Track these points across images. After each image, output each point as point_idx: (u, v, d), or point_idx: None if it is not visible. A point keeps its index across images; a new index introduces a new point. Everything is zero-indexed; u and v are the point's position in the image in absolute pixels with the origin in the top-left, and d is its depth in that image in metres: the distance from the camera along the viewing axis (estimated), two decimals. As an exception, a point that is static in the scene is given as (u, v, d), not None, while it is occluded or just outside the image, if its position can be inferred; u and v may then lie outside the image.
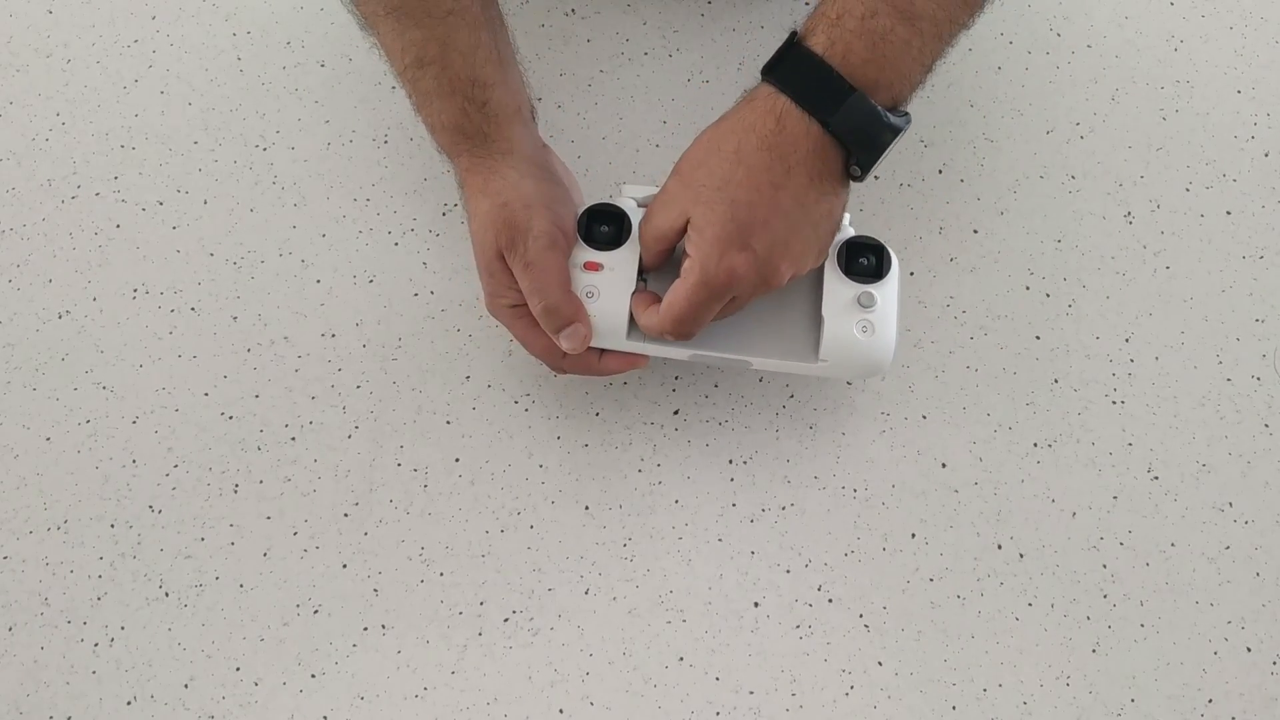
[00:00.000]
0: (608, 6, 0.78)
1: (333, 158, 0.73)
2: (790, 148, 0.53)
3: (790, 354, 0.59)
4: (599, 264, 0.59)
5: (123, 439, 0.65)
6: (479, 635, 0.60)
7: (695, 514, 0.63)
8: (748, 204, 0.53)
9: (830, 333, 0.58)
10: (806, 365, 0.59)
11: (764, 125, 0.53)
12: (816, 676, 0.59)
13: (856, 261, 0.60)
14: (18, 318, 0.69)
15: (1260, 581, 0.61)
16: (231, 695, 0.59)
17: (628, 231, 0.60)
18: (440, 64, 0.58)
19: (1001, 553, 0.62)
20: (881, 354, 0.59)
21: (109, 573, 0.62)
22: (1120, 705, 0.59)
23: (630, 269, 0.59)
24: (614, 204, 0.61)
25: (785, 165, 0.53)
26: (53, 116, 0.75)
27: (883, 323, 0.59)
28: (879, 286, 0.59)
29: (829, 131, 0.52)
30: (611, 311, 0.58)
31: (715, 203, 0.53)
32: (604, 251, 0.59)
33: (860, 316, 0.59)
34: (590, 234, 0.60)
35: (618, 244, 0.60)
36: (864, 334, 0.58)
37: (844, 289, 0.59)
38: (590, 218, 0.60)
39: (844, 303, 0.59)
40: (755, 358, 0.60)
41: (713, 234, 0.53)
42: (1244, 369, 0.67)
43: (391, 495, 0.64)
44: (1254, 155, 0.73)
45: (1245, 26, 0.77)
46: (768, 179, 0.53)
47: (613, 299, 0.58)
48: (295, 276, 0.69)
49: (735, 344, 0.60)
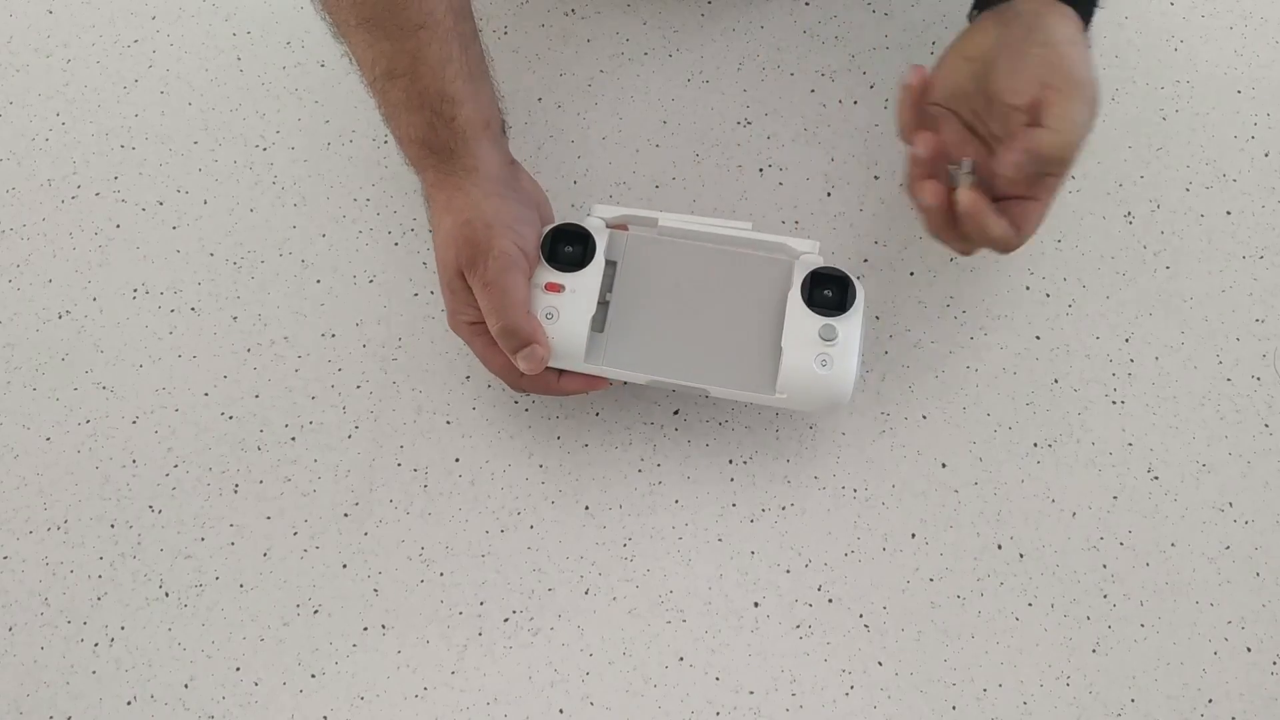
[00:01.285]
0: (608, 6, 0.78)
1: (333, 158, 0.73)
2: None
3: (748, 385, 0.59)
4: (560, 285, 0.59)
5: (123, 439, 0.65)
6: (479, 635, 0.60)
7: (695, 514, 0.63)
8: None
9: (788, 365, 0.58)
10: (764, 396, 0.59)
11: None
12: (816, 676, 0.59)
13: (820, 293, 0.59)
14: (18, 318, 0.69)
15: (1260, 581, 0.61)
16: (231, 695, 0.59)
17: (592, 252, 0.60)
18: (410, 77, 0.58)
19: (1001, 553, 0.62)
20: (840, 389, 0.58)
21: (109, 573, 0.62)
22: (1120, 705, 0.59)
23: (592, 291, 0.59)
24: (579, 225, 0.61)
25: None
26: (53, 116, 0.75)
27: (843, 357, 0.58)
28: (842, 320, 0.58)
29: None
30: (570, 333, 0.58)
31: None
32: (566, 273, 0.59)
33: (820, 350, 0.58)
34: (554, 254, 0.60)
35: (581, 265, 0.60)
36: (823, 368, 0.58)
37: (805, 321, 0.59)
38: (555, 238, 0.60)
39: (804, 335, 0.58)
40: (713, 386, 0.59)
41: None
42: (1244, 369, 0.67)
43: (391, 495, 0.64)
44: (1254, 155, 0.73)
45: (1245, 26, 0.77)
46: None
47: (572, 320, 0.58)
48: (295, 276, 0.69)
49: (694, 372, 0.59)
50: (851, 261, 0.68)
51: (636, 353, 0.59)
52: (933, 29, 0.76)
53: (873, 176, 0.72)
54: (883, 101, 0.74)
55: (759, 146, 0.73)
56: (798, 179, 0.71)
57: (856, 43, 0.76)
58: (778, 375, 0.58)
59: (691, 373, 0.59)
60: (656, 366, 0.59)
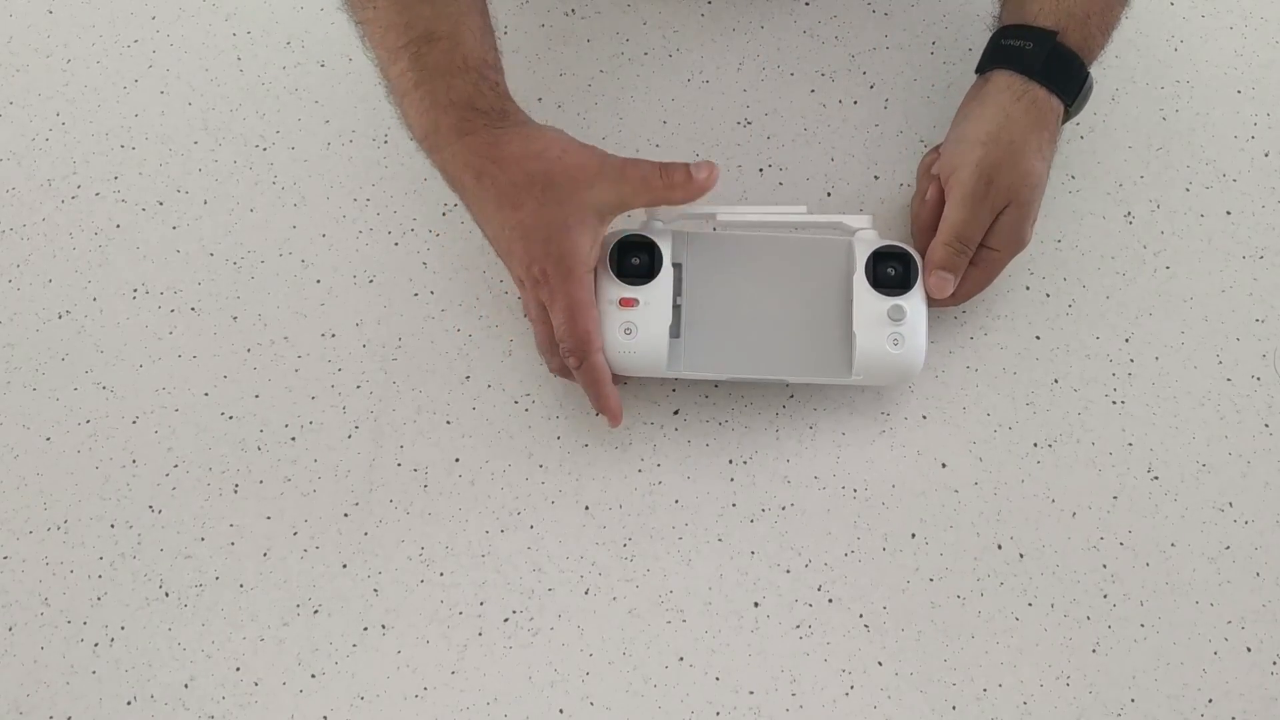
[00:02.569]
0: (608, 6, 0.78)
1: (333, 158, 0.73)
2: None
3: (824, 370, 0.61)
4: (634, 299, 0.59)
5: (123, 439, 0.65)
6: (479, 635, 0.60)
7: (695, 514, 0.63)
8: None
9: (862, 349, 0.60)
10: (841, 379, 0.61)
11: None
12: (816, 676, 0.59)
13: (884, 272, 0.61)
14: (18, 318, 0.69)
15: (1260, 581, 0.61)
16: (231, 695, 0.59)
17: (659, 261, 0.60)
18: (452, 40, 0.57)
19: (1001, 553, 0.62)
20: (912, 363, 0.61)
21: (109, 573, 0.62)
22: (1120, 705, 0.59)
23: (665, 301, 0.60)
24: (643, 235, 0.61)
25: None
26: (53, 116, 0.75)
27: (913, 334, 0.60)
28: (907, 298, 0.61)
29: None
30: (651, 346, 0.59)
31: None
32: (638, 286, 0.60)
33: (891, 330, 0.60)
34: (622, 267, 0.60)
35: (650, 275, 0.60)
36: (895, 347, 0.60)
37: (874, 303, 0.60)
38: (621, 250, 0.60)
39: (874, 318, 0.60)
40: (791, 375, 0.61)
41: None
42: (1244, 369, 0.67)
43: (391, 495, 0.64)
44: (1254, 155, 0.73)
45: (1245, 26, 0.77)
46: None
47: (651, 333, 0.59)
48: (295, 276, 0.69)
49: (771, 365, 0.61)
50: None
51: (714, 352, 0.61)
52: (933, 29, 0.76)
53: (873, 177, 0.72)
54: (883, 101, 0.74)
55: (759, 146, 0.73)
56: (798, 179, 0.71)
57: (856, 43, 0.76)
58: (852, 358, 0.60)
59: (768, 365, 0.61)
60: (735, 364, 0.61)
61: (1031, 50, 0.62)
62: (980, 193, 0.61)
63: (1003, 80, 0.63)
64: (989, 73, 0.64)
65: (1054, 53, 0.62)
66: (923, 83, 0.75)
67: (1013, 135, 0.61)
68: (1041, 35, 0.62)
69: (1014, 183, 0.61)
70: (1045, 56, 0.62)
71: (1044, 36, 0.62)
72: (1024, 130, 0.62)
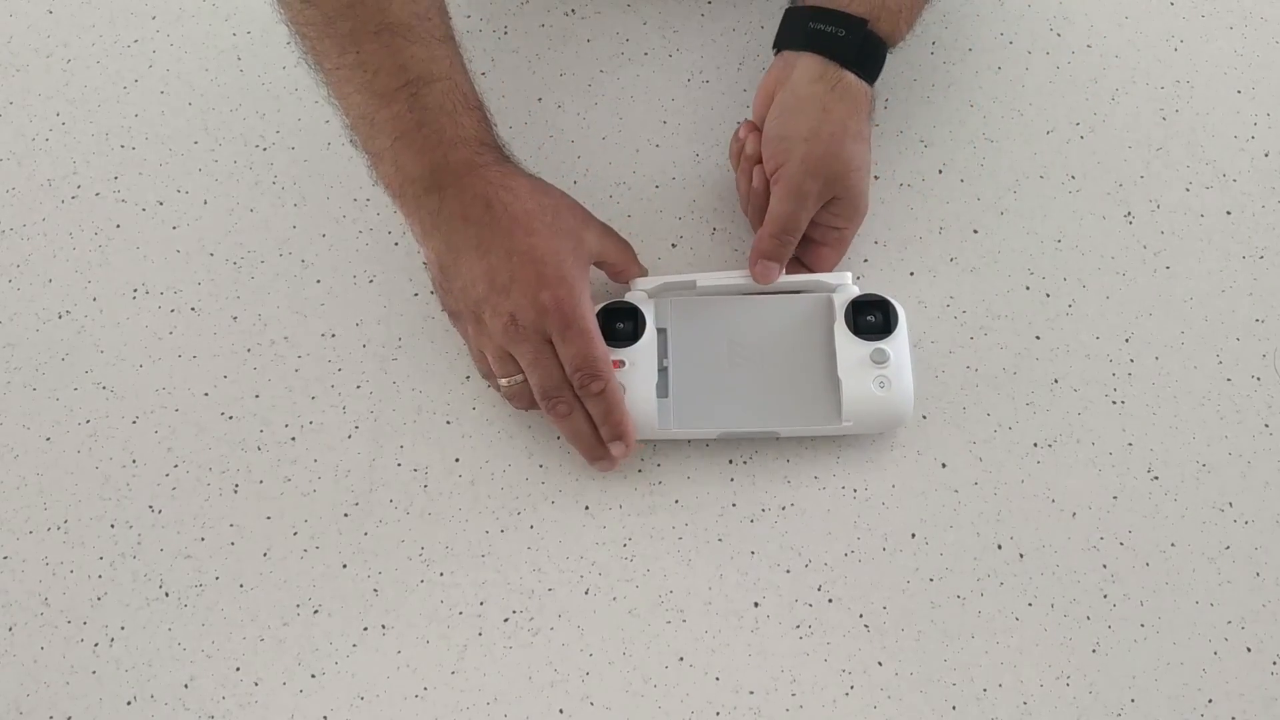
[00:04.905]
0: (608, 6, 0.78)
1: (333, 158, 0.73)
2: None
3: (814, 420, 0.62)
4: (620, 360, 0.62)
5: (123, 439, 0.65)
6: (479, 635, 0.60)
7: (695, 514, 0.63)
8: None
9: (849, 394, 0.61)
10: (832, 428, 0.62)
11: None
12: (816, 676, 0.59)
13: (864, 319, 0.62)
14: (18, 318, 0.69)
15: (1260, 581, 0.61)
16: (231, 695, 0.59)
17: (642, 325, 0.63)
18: (450, 80, 0.58)
19: (1001, 553, 0.62)
20: (901, 406, 0.61)
21: (109, 573, 0.62)
22: (1120, 705, 0.59)
23: (650, 361, 0.62)
24: (626, 301, 0.64)
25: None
26: (53, 116, 0.75)
27: (898, 376, 0.61)
28: (889, 341, 0.62)
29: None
30: (639, 406, 0.61)
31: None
32: (623, 348, 0.62)
33: (876, 373, 0.61)
34: (608, 332, 0.62)
35: (635, 338, 0.63)
36: (882, 390, 0.61)
37: (856, 349, 0.62)
38: (606, 316, 0.63)
39: (858, 362, 0.61)
40: (782, 427, 0.62)
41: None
42: (1244, 369, 0.67)
43: (391, 495, 0.64)
44: (1254, 155, 0.73)
45: (1245, 26, 0.77)
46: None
47: (639, 394, 0.61)
48: (295, 276, 0.69)
49: (761, 418, 0.62)
50: (851, 261, 0.68)
51: (703, 411, 0.62)
52: (931, 29, 0.76)
53: (872, 176, 0.72)
54: (882, 101, 0.74)
55: (759, 146, 0.72)
56: (798, 179, 0.71)
57: (856, 43, 0.76)
58: (841, 405, 0.61)
59: (758, 419, 0.62)
60: (725, 420, 0.62)
61: (844, 38, 0.63)
62: (807, 189, 0.62)
63: (814, 68, 0.63)
64: (796, 55, 0.64)
65: (866, 40, 0.63)
66: (922, 83, 0.75)
67: (833, 128, 0.62)
68: (854, 22, 0.63)
69: (839, 172, 0.63)
70: (859, 44, 0.63)
71: (856, 24, 0.63)
72: (842, 119, 0.63)
